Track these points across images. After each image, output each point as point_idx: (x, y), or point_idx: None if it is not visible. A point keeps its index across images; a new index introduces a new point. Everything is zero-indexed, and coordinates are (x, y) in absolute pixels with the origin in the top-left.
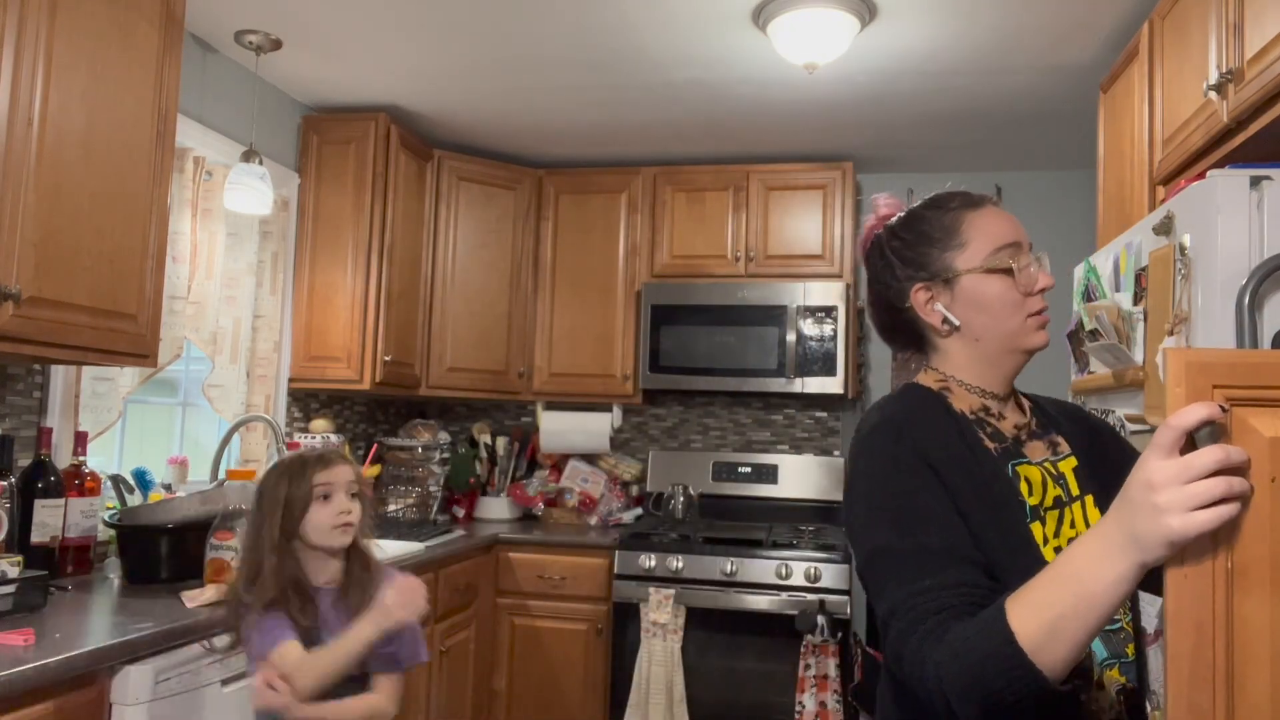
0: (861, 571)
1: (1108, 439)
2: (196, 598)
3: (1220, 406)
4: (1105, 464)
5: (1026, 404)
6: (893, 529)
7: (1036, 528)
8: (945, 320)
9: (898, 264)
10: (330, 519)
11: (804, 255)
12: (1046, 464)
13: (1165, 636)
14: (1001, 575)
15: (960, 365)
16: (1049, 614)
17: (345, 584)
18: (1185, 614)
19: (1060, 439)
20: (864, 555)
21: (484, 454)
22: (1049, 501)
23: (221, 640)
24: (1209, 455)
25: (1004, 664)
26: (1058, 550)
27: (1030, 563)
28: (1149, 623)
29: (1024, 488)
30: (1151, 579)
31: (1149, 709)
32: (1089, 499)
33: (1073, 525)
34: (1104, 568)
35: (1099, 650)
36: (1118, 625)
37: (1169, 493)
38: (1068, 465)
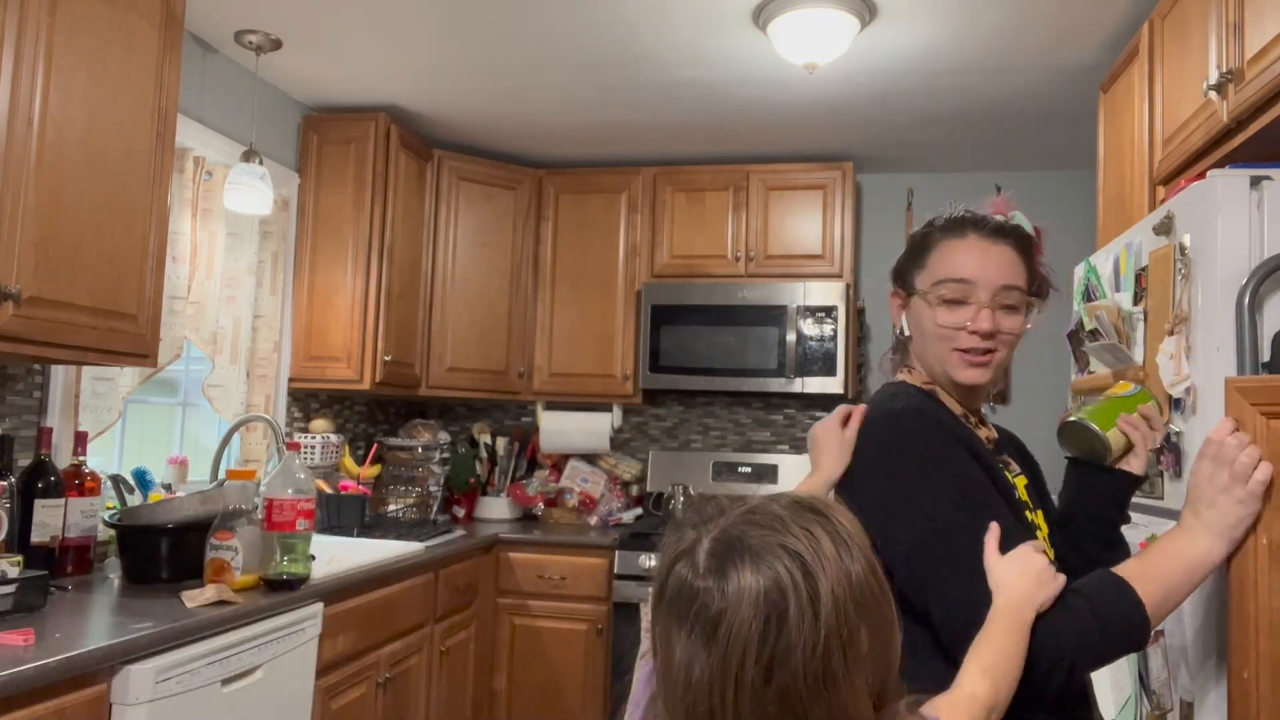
0: (913, 555)
1: (1039, 474)
2: (196, 598)
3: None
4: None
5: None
6: (959, 508)
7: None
8: (901, 329)
9: (898, 261)
10: None
11: (804, 255)
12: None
13: (1230, 605)
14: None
15: (927, 372)
16: (1164, 586)
17: None
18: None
19: (1011, 460)
20: (919, 537)
21: (484, 454)
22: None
23: None
24: (1230, 445)
25: (1141, 628)
26: None
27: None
28: None
29: None
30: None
31: (1148, 708)
32: (1040, 514)
33: (1037, 529)
34: (1202, 550)
35: None
36: None
37: (1222, 477)
38: (1020, 481)
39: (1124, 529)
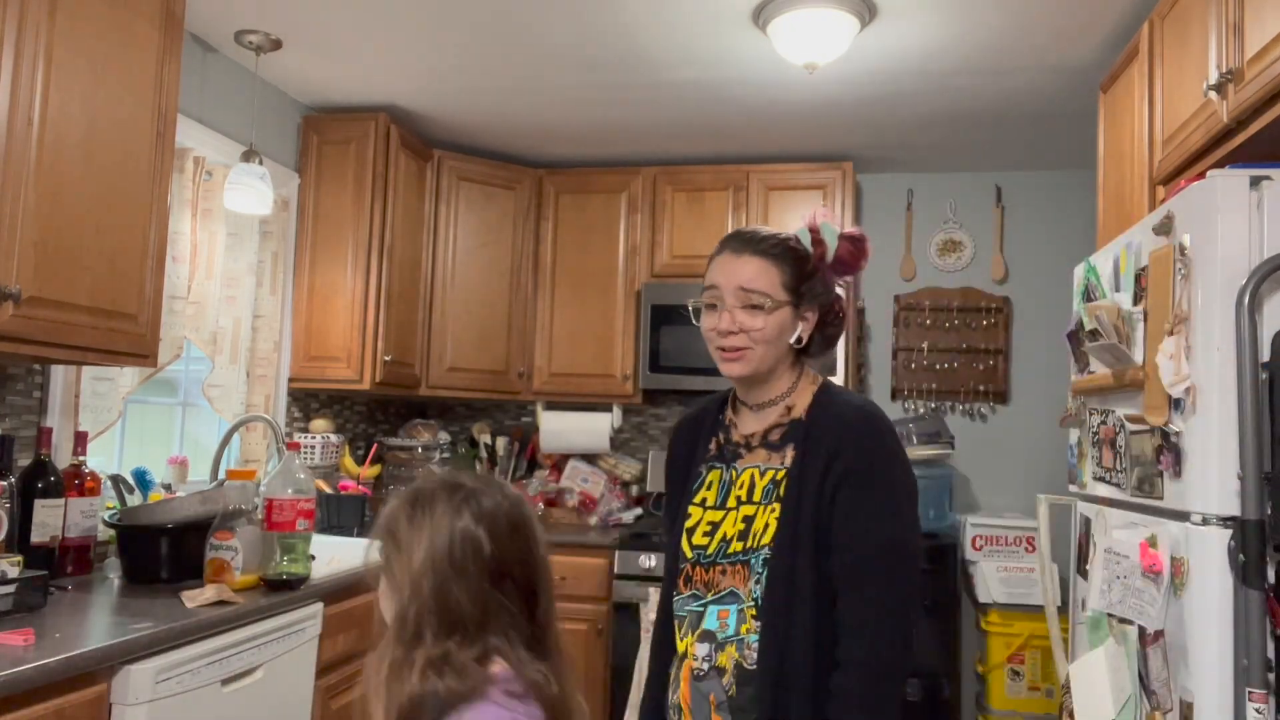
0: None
1: (830, 463)
2: (196, 598)
3: None
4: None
5: (774, 419)
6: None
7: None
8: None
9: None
10: None
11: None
12: (750, 470)
13: None
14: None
15: None
16: None
17: None
18: None
19: (791, 453)
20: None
21: (484, 454)
22: (711, 499)
23: None
24: None
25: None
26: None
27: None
28: (1149, 623)
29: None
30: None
31: (1148, 708)
32: (765, 509)
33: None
34: None
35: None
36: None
37: None
38: (770, 476)
39: (1123, 530)
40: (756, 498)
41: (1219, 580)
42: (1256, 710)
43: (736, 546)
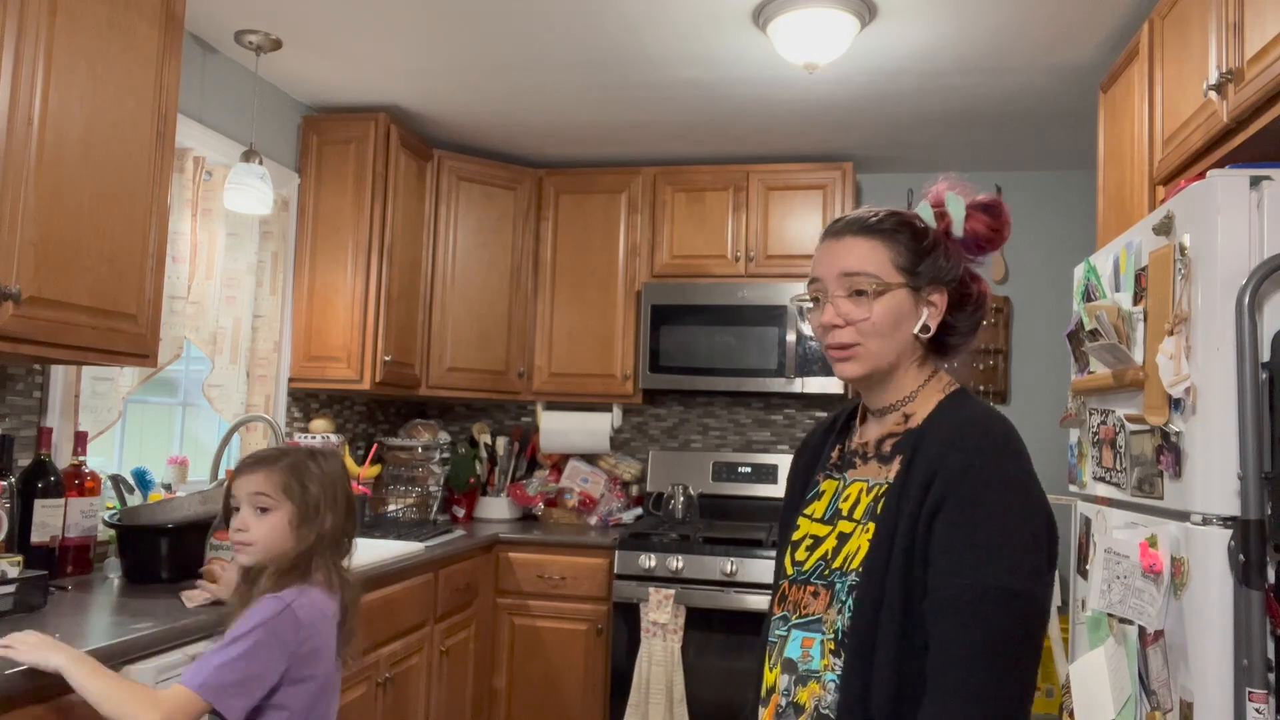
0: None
1: (930, 482)
2: (196, 598)
3: None
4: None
5: (890, 427)
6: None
7: (803, 522)
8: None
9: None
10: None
11: (804, 255)
12: (859, 483)
13: None
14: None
15: None
16: None
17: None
18: None
19: (897, 467)
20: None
21: (484, 454)
22: (819, 512)
23: None
24: None
25: None
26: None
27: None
28: (1149, 623)
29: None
30: None
31: (1148, 708)
32: (861, 529)
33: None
34: None
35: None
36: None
37: None
38: (875, 493)
39: (1123, 530)
40: (857, 515)
41: (1219, 580)
42: (1256, 710)
43: (829, 568)
